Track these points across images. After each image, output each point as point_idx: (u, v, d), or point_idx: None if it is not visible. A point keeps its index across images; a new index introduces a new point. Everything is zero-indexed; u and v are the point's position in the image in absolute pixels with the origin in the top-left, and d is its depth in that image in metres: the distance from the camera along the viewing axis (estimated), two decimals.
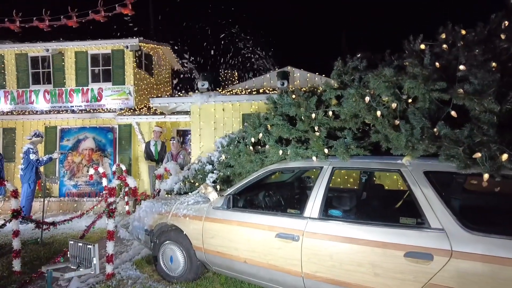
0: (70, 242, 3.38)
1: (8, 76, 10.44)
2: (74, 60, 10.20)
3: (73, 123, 9.86)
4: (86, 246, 3.24)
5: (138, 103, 10.07)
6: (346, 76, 3.26)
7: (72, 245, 3.36)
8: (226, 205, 3.34)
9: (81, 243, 3.23)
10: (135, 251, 5.11)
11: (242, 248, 3.21)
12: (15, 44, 10.35)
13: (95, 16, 11.92)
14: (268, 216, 3.13)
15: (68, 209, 8.83)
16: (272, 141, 3.56)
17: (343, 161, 3.04)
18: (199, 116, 8.01)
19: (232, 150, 3.89)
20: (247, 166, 3.76)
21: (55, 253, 5.15)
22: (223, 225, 3.36)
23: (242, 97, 7.50)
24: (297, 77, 8.66)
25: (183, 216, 3.72)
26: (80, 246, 3.26)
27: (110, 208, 4.01)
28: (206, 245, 3.51)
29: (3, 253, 5.14)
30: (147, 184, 9.14)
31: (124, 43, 9.76)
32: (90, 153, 9.58)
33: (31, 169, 7.16)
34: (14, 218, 4.30)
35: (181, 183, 4.83)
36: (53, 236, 6.07)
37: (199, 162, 4.68)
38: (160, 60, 12.31)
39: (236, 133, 4.24)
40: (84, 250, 3.26)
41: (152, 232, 4.12)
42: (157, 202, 4.21)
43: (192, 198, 3.90)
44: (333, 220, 2.82)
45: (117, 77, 9.97)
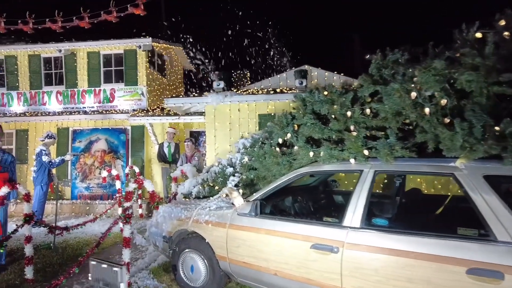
0: (92, 263, 2.98)
1: (21, 78, 10.36)
2: (86, 61, 10.07)
3: (85, 124, 9.72)
4: (112, 268, 2.83)
5: (151, 104, 9.89)
6: (386, 70, 2.96)
7: (94, 266, 2.93)
8: (255, 212, 3.06)
9: (106, 264, 2.84)
10: (151, 258, 4.87)
11: (273, 259, 2.93)
12: (28, 45, 10.28)
13: (107, 16, 11.82)
14: (301, 225, 2.84)
15: (80, 212, 8.66)
16: (302, 141, 3.28)
17: (386, 164, 2.74)
18: (214, 117, 7.77)
19: (257, 151, 3.62)
20: (273, 169, 3.48)
21: (68, 259, 4.95)
22: (250, 233, 3.08)
23: (259, 96, 7.23)
24: (314, 76, 8.36)
25: (205, 223, 3.45)
26: (104, 268, 2.86)
27: (126, 214, 3.76)
28: (231, 255, 3.23)
29: (14, 258, 4.95)
30: (160, 187, 8.92)
31: (137, 43, 9.59)
32: (102, 154, 9.42)
33: (44, 171, 6.99)
34: (27, 223, 4.09)
35: (200, 186, 4.57)
36: (66, 240, 5.87)
37: (219, 164, 4.41)
38: (172, 61, 12.14)
39: (260, 134, 3.97)
40: (109, 273, 2.85)
41: (170, 239, 3.86)
42: (176, 207, 3.96)
43: (214, 203, 3.63)
44: (378, 230, 2.52)
45: (129, 78, 9.80)
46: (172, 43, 11.42)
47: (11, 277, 4.19)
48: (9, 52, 10.36)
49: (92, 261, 2.94)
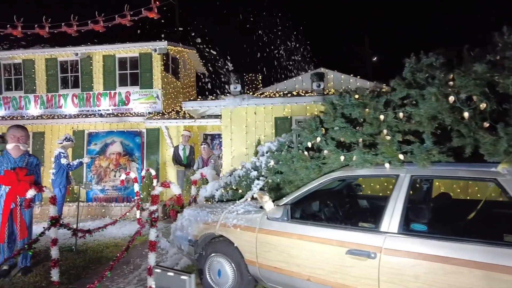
0: (157, 271, 2.85)
1: (38, 81, 10.50)
2: (102, 64, 10.17)
3: (101, 127, 9.80)
4: (180, 277, 2.67)
5: (165, 107, 9.94)
6: (420, 74, 2.93)
7: (159, 274, 2.80)
8: (287, 217, 3.04)
9: (172, 272, 2.72)
10: (173, 261, 4.88)
11: (305, 265, 2.90)
12: (46, 49, 10.42)
13: (121, 20, 11.97)
14: (336, 230, 2.81)
15: (96, 214, 8.71)
16: (332, 145, 3.25)
17: (423, 169, 2.70)
18: (230, 120, 7.78)
19: (284, 155, 3.59)
20: (302, 173, 3.45)
21: (90, 261, 4.98)
22: (282, 238, 3.05)
23: (276, 99, 7.22)
24: (330, 79, 8.34)
25: (233, 227, 3.44)
26: (170, 276, 2.72)
27: (152, 217, 3.76)
28: (260, 259, 3.21)
29: (38, 260, 4.99)
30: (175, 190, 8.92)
31: (152, 46, 9.66)
32: (117, 157, 9.48)
33: (62, 173, 7.04)
34: (53, 226, 4.12)
35: (222, 189, 4.55)
36: (86, 243, 5.90)
37: (242, 168, 4.39)
38: (186, 64, 12.20)
39: (286, 137, 3.94)
40: (176, 281, 2.70)
41: (196, 243, 3.85)
42: (202, 210, 3.95)
43: (242, 206, 3.62)
44: (417, 235, 2.48)
45: (144, 81, 9.87)
46: (186, 46, 11.48)
47: (38, 280, 4.22)
48: (27, 56, 10.51)
49: (157, 269, 2.84)
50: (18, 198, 4.37)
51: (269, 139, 7.45)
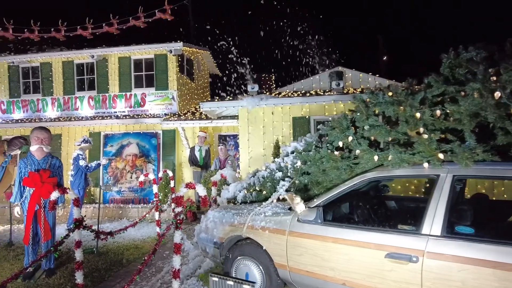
0: (214, 279, 2.73)
1: (55, 83, 10.61)
2: (117, 66, 10.21)
3: (117, 128, 9.83)
4: (242, 286, 2.57)
5: (181, 108, 9.92)
6: (460, 69, 2.79)
7: (216, 282, 2.67)
8: (320, 219, 2.93)
9: (232, 281, 2.62)
10: (195, 263, 4.80)
11: (340, 269, 2.79)
12: (62, 52, 10.51)
13: (135, 22, 12.04)
14: (373, 233, 2.69)
15: (113, 215, 8.72)
16: (365, 145, 3.13)
17: (465, 168, 2.56)
18: (248, 120, 7.70)
19: (313, 155, 3.49)
20: (332, 174, 3.34)
21: (112, 264, 4.94)
22: (315, 241, 2.95)
23: (295, 99, 7.12)
24: (349, 78, 8.20)
25: (261, 229, 3.35)
26: (230, 285, 2.61)
27: (177, 219, 3.69)
28: (291, 263, 3.11)
29: (60, 262, 4.98)
30: (191, 191, 8.89)
31: (168, 47, 9.66)
32: (133, 159, 9.49)
33: (81, 175, 7.05)
34: (77, 228, 4.09)
35: (245, 191, 4.47)
36: (106, 245, 5.89)
37: (266, 168, 4.30)
38: (200, 65, 12.19)
39: (313, 137, 3.84)
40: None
41: (222, 245, 3.77)
42: (227, 211, 3.87)
43: (269, 208, 3.52)
44: (463, 238, 2.35)
45: (160, 82, 9.87)
46: (200, 47, 11.46)
47: (62, 282, 4.20)
48: (44, 59, 10.62)
49: (214, 277, 2.71)
50: (42, 200, 4.36)
51: (287, 140, 7.36)
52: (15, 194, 4.40)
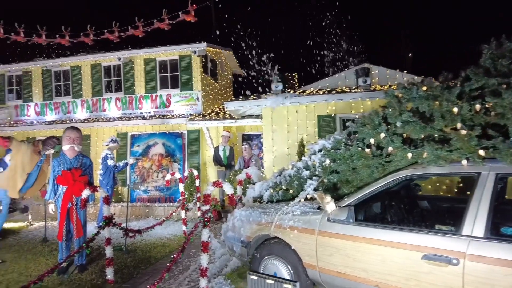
0: (252, 277, 2.64)
1: (84, 86, 10.97)
2: (143, 68, 10.43)
3: (143, 129, 10.04)
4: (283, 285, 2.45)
5: (205, 108, 10.00)
6: (503, 60, 2.63)
7: (255, 281, 2.57)
8: (352, 219, 2.84)
9: (272, 280, 2.50)
10: (222, 262, 4.80)
11: (374, 270, 2.69)
12: (91, 55, 10.86)
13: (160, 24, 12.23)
14: (409, 233, 2.57)
15: (140, 214, 8.91)
16: (398, 142, 3.01)
17: (510, 166, 2.41)
18: (272, 119, 7.65)
19: (343, 153, 3.39)
20: (363, 172, 3.23)
21: (140, 261, 5.03)
22: (346, 241, 2.86)
23: (320, 97, 7.00)
24: (375, 74, 7.98)
25: (290, 228, 3.29)
26: (270, 284, 2.51)
27: (205, 217, 3.70)
28: (321, 264, 3.03)
29: (91, 258, 5.12)
30: (216, 190, 8.94)
31: (192, 48, 9.77)
32: (159, 158, 9.66)
33: (109, 174, 7.22)
34: (107, 226, 4.18)
35: (271, 190, 4.42)
36: (134, 243, 6.01)
37: (293, 167, 4.24)
38: (223, 65, 12.25)
39: (343, 134, 3.74)
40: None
41: (249, 244, 3.74)
42: (254, 210, 3.84)
43: (297, 207, 3.46)
44: (510, 241, 2.20)
45: (184, 83, 10.00)
46: (223, 48, 11.52)
47: (93, 277, 4.31)
48: (74, 63, 11.02)
49: (253, 275, 2.63)
50: (74, 197, 4.49)
51: (312, 138, 7.25)
52: (50, 192, 4.56)
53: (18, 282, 4.17)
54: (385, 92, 3.29)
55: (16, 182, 4.88)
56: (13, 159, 4.99)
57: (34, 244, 6.05)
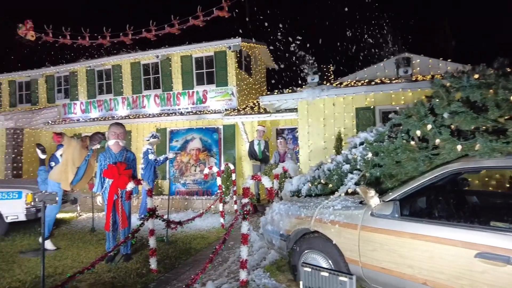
0: (306, 270, 2.60)
1: (125, 84, 11.44)
2: (180, 65, 10.68)
3: (181, 124, 10.31)
4: (338, 278, 2.38)
5: (240, 103, 10.08)
6: None
7: (308, 273, 2.54)
8: (397, 213, 2.75)
9: (327, 272, 2.47)
10: (260, 255, 4.84)
11: (421, 267, 2.58)
12: (131, 54, 11.29)
13: (195, 21, 12.47)
14: (460, 230, 2.44)
15: (179, 207, 9.19)
16: (447, 134, 2.85)
17: None
18: (307, 113, 7.55)
19: (386, 146, 3.27)
20: (408, 166, 3.10)
21: (181, 252, 5.18)
22: (390, 236, 2.77)
23: (359, 88, 6.80)
24: (416, 64, 7.62)
25: (331, 223, 3.24)
26: (324, 276, 2.46)
27: (244, 210, 3.74)
28: (364, 259, 2.96)
29: (135, 248, 5.36)
30: None
31: (227, 43, 9.85)
32: (197, 153, 9.89)
33: (150, 168, 7.52)
34: (151, 217, 4.36)
35: (309, 184, 4.37)
36: (174, 234, 6.21)
37: (332, 161, 4.16)
38: (257, 60, 12.26)
39: (386, 126, 3.61)
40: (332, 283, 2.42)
41: (289, 238, 3.73)
42: (293, 204, 3.82)
43: (338, 201, 3.40)
44: None
45: (220, 79, 10.13)
46: (257, 42, 11.51)
47: (138, 266, 4.51)
48: (115, 62, 11.52)
49: (306, 267, 2.59)
50: (119, 190, 4.71)
51: (350, 132, 7.08)
52: (97, 185, 4.81)
53: (72, 267, 4.47)
54: (432, 81, 3.12)
55: (67, 175, 5.20)
56: (64, 154, 5.32)
57: (83, 233, 6.44)
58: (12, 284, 3.94)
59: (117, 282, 3.97)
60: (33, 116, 11.77)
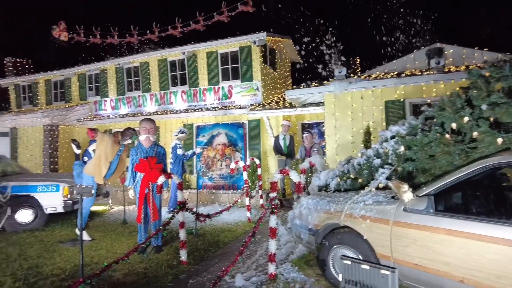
0: (346, 262, 2.55)
1: (152, 80, 11.71)
2: (205, 61, 10.79)
3: (207, 120, 10.44)
4: (380, 271, 2.32)
5: (265, 98, 10.08)
6: None
7: (349, 266, 2.50)
8: (432, 208, 2.67)
9: (367, 265, 2.44)
10: (287, 249, 4.85)
11: (458, 264, 2.50)
12: (158, 51, 11.52)
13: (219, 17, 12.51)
14: (501, 227, 2.34)
15: (206, 200, 9.35)
16: (486, 126, 2.73)
17: None
18: (334, 107, 7.44)
19: (420, 140, 3.18)
20: (442, 160, 3.00)
21: (210, 245, 5.28)
22: (425, 232, 2.70)
23: (388, 81, 6.61)
24: (449, 55, 7.30)
25: (361, 218, 3.19)
26: (365, 269, 2.42)
27: (272, 204, 3.76)
28: (396, 254, 2.91)
29: (166, 240, 5.51)
30: None
31: (252, 38, 9.85)
32: (223, 148, 10.00)
33: (178, 163, 7.68)
34: (181, 210, 4.46)
35: (338, 178, 4.32)
36: (203, 227, 6.32)
37: (362, 155, 4.09)
38: (282, 54, 12.18)
39: (419, 119, 3.50)
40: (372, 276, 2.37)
41: (317, 232, 3.72)
42: (322, 199, 3.80)
43: (369, 196, 3.34)
44: None
45: (245, 74, 10.15)
46: (282, 36, 11.42)
47: (169, 258, 4.63)
48: (143, 59, 11.80)
49: (346, 260, 2.57)
50: (150, 184, 4.85)
51: (379, 125, 6.91)
52: (129, 179, 4.98)
53: (106, 258, 4.66)
54: (468, 72, 2.99)
55: (101, 169, 5.41)
56: (97, 149, 5.53)
57: (116, 225, 6.70)
58: (54, 271, 4.17)
59: (149, 273, 4.10)
60: (67, 113, 12.30)
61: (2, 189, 6.09)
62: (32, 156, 11.96)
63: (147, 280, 3.87)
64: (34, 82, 14.13)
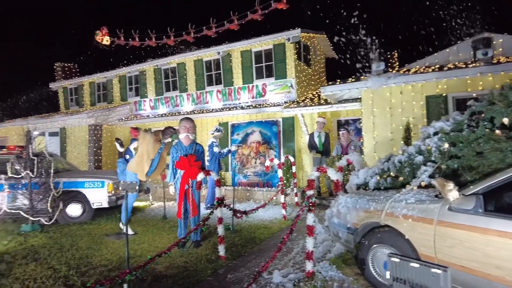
0: (394, 260, 2.53)
1: (189, 80, 12.03)
2: (240, 60, 10.91)
3: (242, 118, 10.56)
4: (430, 270, 2.26)
5: (299, 95, 10.01)
6: None
7: (397, 264, 2.48)
8: (481, 208, 2.54)
9: (417, 263, 2.38)
10: (324, 248, 4.82)
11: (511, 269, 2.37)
12: (194, 52, 11.82)
13: (253, 16, 12.57)
14: None
15: (241, 197, 9.48)
16: None
17: None
18: (372, 102, 7.24)
19: (466, 136, 3.03)
20: (492, 157, 2.84)
21: (246, 241, 5.36)
22: (473, 233, 2.58)
23: (429, 75, 6.34)
24: (498, 45, 6.84)
25: (403, 217, 3.10)
26: (414, 267, 2.36)
27: (310, 202, 3.75)
28: (440, 255, 2.80)
29: (203, 236, 5.67)
30: None
31: (286, 35, 9.82)
32: (257, 145, 10.08)
33: (215, 160, 7.85)
34: (219, 206, 4.57)
35: (378, 177, 4.21)
36: (239, 223, 6.43)
37: (404, 152, 3.96)
38: (316, 50, 12.02)
39: (465, 115, 3.33)
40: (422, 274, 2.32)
41: (356, 231, 3.66)
42: (361, 197, 3.73)
43: (411, 195, 3.24)
44: None
45: (279, 72, 10.15)
46: (317, 32, 11.27)
47: (207, 253, 4.77)
48: (180, 60, 12.15)
49: (394, 257, 2.53)
50: (190, 180, 5.01)
51: (419, 122, 6.65)
52: (170, 175, 5.17)
53: (149, 251, 4.88)
54: None
55: (143, 166, 5.67)
56: (139, 147, 5.79)
57: (156, 220, 6.98)
58: (101, 262, 4.45)
59: (189, 267, 4.24)
60: (109, 113, 12.96)
61: (55, 185, 6.56)
62: (79, 154, 12.74)
63: (187, 274, 4.01)
64: (80, 85, 15.03)
